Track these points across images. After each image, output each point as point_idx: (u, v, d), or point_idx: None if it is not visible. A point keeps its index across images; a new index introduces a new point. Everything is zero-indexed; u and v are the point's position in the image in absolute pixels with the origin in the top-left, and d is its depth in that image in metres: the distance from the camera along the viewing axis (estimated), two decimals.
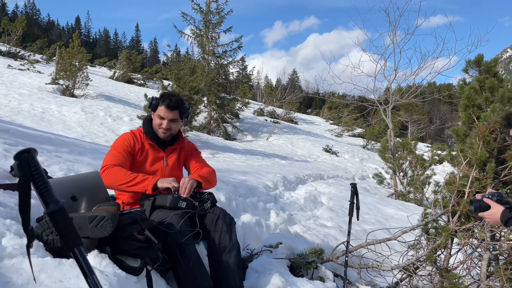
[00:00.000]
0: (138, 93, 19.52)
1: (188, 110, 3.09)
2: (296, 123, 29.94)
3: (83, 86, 15.15)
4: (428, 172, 9.50)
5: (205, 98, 17.71)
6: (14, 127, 6.39)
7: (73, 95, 14.57)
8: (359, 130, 31.41)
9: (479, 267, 3.85)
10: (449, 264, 3.91)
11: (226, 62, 19.85)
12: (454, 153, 4.98)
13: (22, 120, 9.76)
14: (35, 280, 1.52)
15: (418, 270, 3.84)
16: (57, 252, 1.84)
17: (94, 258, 1.91)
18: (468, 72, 5.48)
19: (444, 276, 3.60)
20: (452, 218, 3.95)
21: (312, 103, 70.92)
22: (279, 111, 29.74)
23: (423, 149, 25.47)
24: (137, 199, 2.77)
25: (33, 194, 0.96)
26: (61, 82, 15.06)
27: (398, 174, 10.28)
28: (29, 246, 0.99)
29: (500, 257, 3.97)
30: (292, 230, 4.51)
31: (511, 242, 3.80)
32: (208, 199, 2.83)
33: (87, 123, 10.99)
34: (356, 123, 33.09)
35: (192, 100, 11.89)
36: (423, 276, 3.73)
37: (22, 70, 18.63)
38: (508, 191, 4.04)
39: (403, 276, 3.75)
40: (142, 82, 28.07)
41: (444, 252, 4.00)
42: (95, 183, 2.47)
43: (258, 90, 48.35)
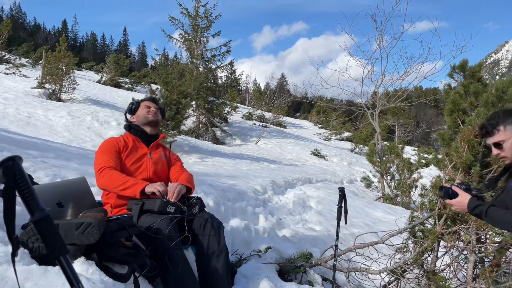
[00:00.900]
0: (126, 97, 19.39)
1: (164, 110, 3.32)
2: (284, 127, 30.04)
3: (70, 90, 14.99)
4: (415, 175, 9.62)
5: (193, 102, 17.68)
6: None
7: (59, 99, 14.40)
8: (347, 134, 31.66)
9: (465, 269, 3.90)
10: (436, 267, 3.95)
11: (214, 66, 19.86)
12: (440, 156, 5.07)
13: (7, 124, 9.61)
14: None
15: (405, 273, 3.88)
16: (42, 259, 1.81)
17: (81, 265, 1.89)
18: (453, 77, 5.59)
19: (431, 279, 3.64)
20: (439, 221, 4.00)
21: (300, 107, 71.24)
22: (268, 115, 29.82)
23: (410, 152, 25.77)
24: (125, 202, 2.76)
25: (18, 200, 0.95)
26: (47, 86, 14.87)
27: (385, 178, 10.38)
28: (14, 255, 0.97)
29: (486, 259, 4.03)
30: (281, 234, 4.51)
31: (496, 245, 3.86)
32: (197, 204, 2.82)
33: (73, 127, 10.87)
34: (344, 127, 33.33)
35: (180, 104, 11.85)
36: (411, 279, 3.76)
37: (7, 74, 18.36)
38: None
39: (390, 279, 3.78)
40: (130, 86, 27.89)
41: (431, 255, 4.04)
42: (82, 189, 2.45)
43: (247, 94, 48.41)
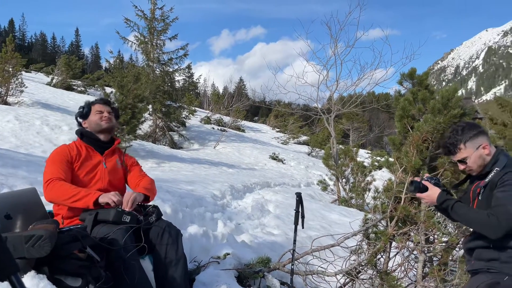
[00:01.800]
0: (78, 100, 18.64)
1: (118, 111, 3.19)
2: (243, 131, 30.14)
3: (17, 93, 14.20)
4: (369, 178, 9.98)
5: (150, 106, 17.31)
6: None
7: (6, 103, 13.60)
8: (304, 138, 32.26)
9: (416, 268, 4.09)
10: (388, 267, 4.12)
11: (171, 70, 19.59)
12: (391, 160, 5.30)
13: None
14: None
15: (360, 274, 4.01)
16: None
17: (31, 280, 1.81)
18: (402, 84, 5.87)
19: (383, 279, 3.79)
20: (390, 223, 4.18)
21: (259, 111, 71.74)
22: (226, 119, 29.79)
23: (364, 155, 26.66)
24: (77, 213, 2.66)
25: None
26: None
27: (340, 181, 10.69)
28: None
29: (434, 258, 4.26)
30: (240, 240, 4.52)
31: (444, 244, 4.09)
32: (153, 212, 2.77)
33: (21, 132, 10.30)
34: (301, 131, 33.94)
35: (136, 109, 11.57)
36: (365, 280, 3.89)
37: None
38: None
39: (346, 280, 3.89)
40: (83, 89, 26.86)
41: (383, 256, 4.21)
42: (31, 200, 2.34)
43: (205, 98, 48.11)
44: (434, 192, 2.33)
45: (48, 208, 2.66)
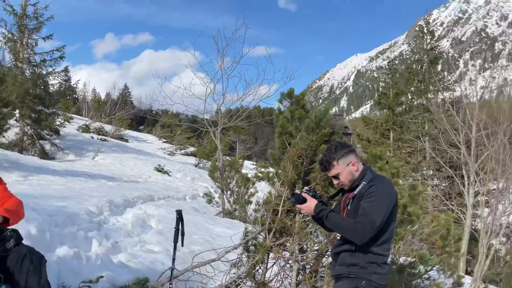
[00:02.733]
0: None
1: None
2: (126, 140, 28.67)
3: None
4: (252, 190, 10.33)
5: (17, 112, 15.38)
6: None
7: None
8: (192, 149, 32.05)
9: (290, 277, 4.34)
10: (266, 278, 4.30)
11: (45, 72, 17.74)
12: (271, 173, 5.57)
13: None
14: None
15: (239, 287, 4.10)
16: None
17: None
18: (282, 102, 6.25)
19: None
20: (269, 235, 4.38)
21: (144, 120, 69.11)
22: (108, 127, 28.04)
23: (249, 166, 27.58)
24: None
25: None
26: None
27: (225, 193, 10.86)
28: None
29: (307, 266, 4.57)
30: (116, 260, 4.26)
31: (315, 253, 4.42)
32: (12, 237, 2.46)
33: None
34: (188, 142, 33.66)
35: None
36: None
37: None
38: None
39: None
40: None
41: (262, 267, 4.38)
42: None
43: (84, 104, 44.61)
44: (312, 203, 2.52)
45: None
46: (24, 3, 16.99)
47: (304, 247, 4.45)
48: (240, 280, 4.01)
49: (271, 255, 4.37)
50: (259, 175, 12.02)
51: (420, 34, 22.71)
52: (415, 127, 20.33)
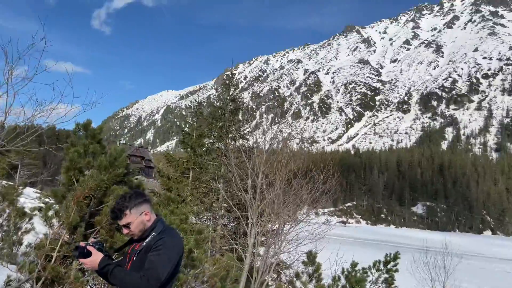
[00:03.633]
0: None
1: None
2: None
3: None
4: (28, 225, 8.94)
5: None
6: None
7: None
8: None
9: None
10: None
11: None
12: (51, 213, 4.94)
13: None
14: None
15: None
16: None
17: None
18: (76, 134, 5.71)
19: None
20: (36, 284, 3.83)
21: None
22: None
23: (31, 195, 23.98)
24: None
25: None
26: None
27: None
28: None
29: None
30: None
31: None
32: None
33: None
34: None
35: None
36: None
37: None
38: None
39: None
40: None
41: None
42: None
43: None
44: (97, 257, 2.35)
45: None
46: None
47: None
48: None
49: None
50: (42, 205, 10.55)
51: (226, 83, 24.96)
52: (213, 169, 21.75)
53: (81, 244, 2.44)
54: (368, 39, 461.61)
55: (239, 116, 26.06)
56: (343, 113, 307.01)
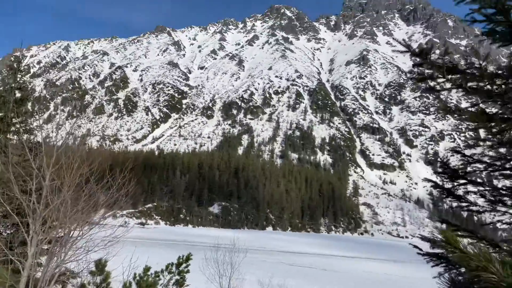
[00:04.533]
0: None
1: None
2: None
3: None
4: None
5: None
6: None
7: None
8: None
9: None
10: None
11: None
12: None
13: None
14: None
15: None
16: None
17: None
18: None
19: None
20: None
21: None
22: None
23: None
24: None
25: None
26: None
27: None
28: None
29: None
30: None
31: None
32: None
33: None
34: None
35: None
36: None
37: None
38: None
39: None
40: None
41: None
42: None
43: None
44: None
45: None
46: None
47: None
48: None
49: None
50: None
51: (14, 66, 21.25)
52: None
53: None
54: (178, 43, 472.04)
55: (28, 106, 22.60)
56: (149, 112, 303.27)
